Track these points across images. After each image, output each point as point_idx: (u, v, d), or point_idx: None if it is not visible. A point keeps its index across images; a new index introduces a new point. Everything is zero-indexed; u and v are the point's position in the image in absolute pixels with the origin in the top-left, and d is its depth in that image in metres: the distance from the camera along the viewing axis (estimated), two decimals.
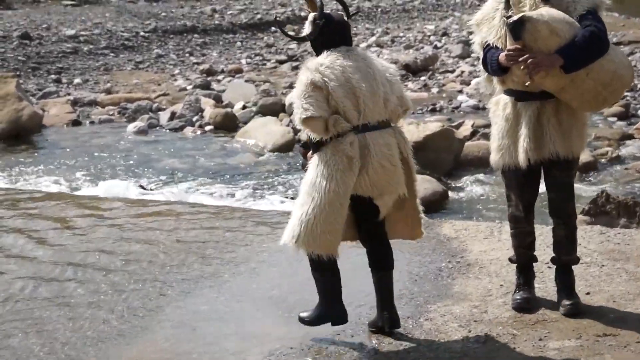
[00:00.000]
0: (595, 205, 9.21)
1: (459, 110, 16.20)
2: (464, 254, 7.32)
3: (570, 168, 5.87)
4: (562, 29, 5.44)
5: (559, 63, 5.42)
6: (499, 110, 5.91)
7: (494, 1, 5.88)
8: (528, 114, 5.72)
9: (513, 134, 5.78)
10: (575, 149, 5.79)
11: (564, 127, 5.70)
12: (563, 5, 5.61)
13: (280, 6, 30.06)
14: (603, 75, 5.59)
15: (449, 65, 20.50)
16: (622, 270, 6.75)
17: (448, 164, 12.19)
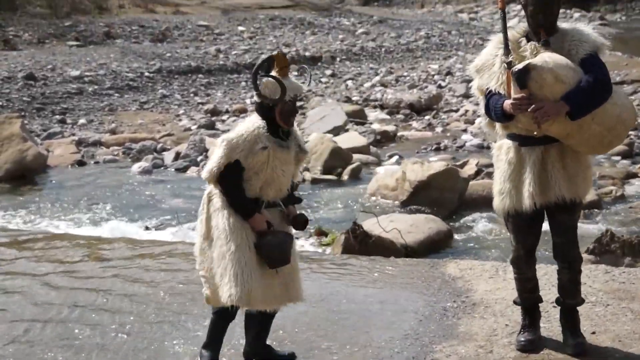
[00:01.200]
0: (600, 244, 9.22)
1: (463, 149, 16.25)
2: (469, 294, 7.33)
3: (575, 211, 5.88)
4: (567, 75, 5.47)
5: (566, 110, 5.45)
6: (502, 155, 5.92)
7: (493, 47, 5.89)
8: (532, 158, 5.73)
9: (516, 178, 5.80)
10: (581, 192, 5.80)
11: (569, 171, 5.72)
12: (564, 49, 5.64)
13: (285, 46, 30.20)
14: (608, 120, 5.62)
15: (453, 105, 20.58)
16: (628, 310, 6.77)
17: (452, 203, 12.22)
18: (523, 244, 5.99)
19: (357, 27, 37.11)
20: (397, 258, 8.84)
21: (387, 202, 12.59)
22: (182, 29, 33.04)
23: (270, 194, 5.64)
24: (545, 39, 5.69)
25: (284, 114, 5.53)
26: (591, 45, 5.68)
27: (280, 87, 5.48)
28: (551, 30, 5.74)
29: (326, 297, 7.32)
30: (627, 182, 13.46)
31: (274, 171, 5.57)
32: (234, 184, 5.53)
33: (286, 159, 5.63)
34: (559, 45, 5.66)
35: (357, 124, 18.23)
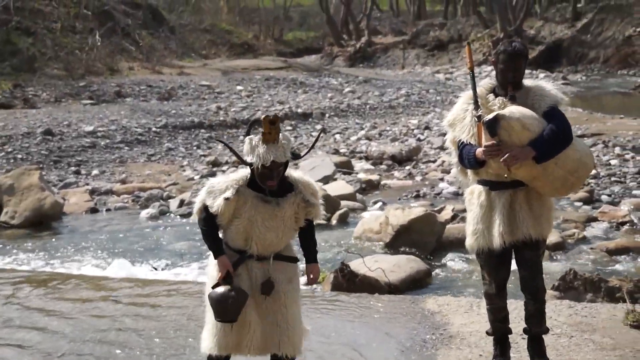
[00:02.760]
0: (564, 281, 9.23)
1: (440, 196, 16.28)
2: (446, 327, 7.35)
3: (539, 248, 5.97)
4: (532, 124, 5.59)
5: (532, 154, 5.57)
6: (474, 199, 6.01)
7: (463, 103, 6.03)
8: (502, 201, 5.83)
9: (487, 220, 5.88)
10: (545, 232, 5.91)
11: (534, 212, 5.82)
12: (528, 103, 5.78)
13: (279, 103, 30.31)
14: (570, 163, 5.73)
15: (431, 156, 20.63)
16: (590, 341, 6.80)
17: (431, 245, 12.23)
18: (495, 278, 6.07)
19: (344, 86, 37.29)
20: (381, 295, 8.87)
21: (372, 244, 12.61)
22: (186, 89, 33.18)
23: (256, 248, 5.31)
24: (512, 94, 5.82)
25: (258, 176, 5.24)
26: (552, 100, 5.85)
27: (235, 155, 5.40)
28: (517, 86, 5.88)
29: (318, 329, 7.33)
30: (589, 225, 13.49)
31: (254, 226, 5.24)
32: (205, 223, 5.33)
33: (271, 214, 5.27)
34: (523, 100, 5.81)
35: (345, 173, 18.27)
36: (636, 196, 15.42)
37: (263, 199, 5.28)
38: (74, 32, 38.95)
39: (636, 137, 21.82)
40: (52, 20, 39.00)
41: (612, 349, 6.60)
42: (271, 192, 5.28)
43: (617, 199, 15.21)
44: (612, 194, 15.60)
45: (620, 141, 21.20)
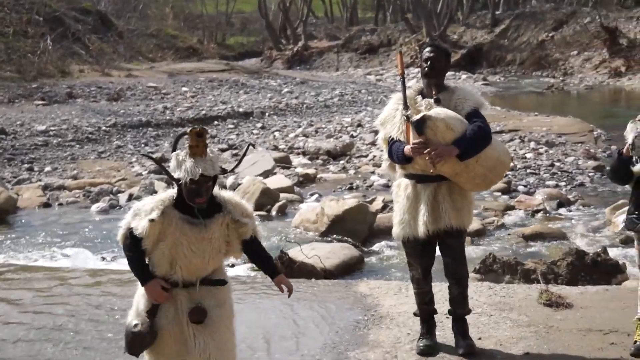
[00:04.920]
0: (485, 265, 9.36)
1: (372, 188, 16.35)
2: (377, 308, 7.39)
3: (461, 237, 6.04)
4: (456, 125, 5.65)
5: (456, 153, 5.63)
6: (401, 191, 6.05)
7: (393, 103, 6.09)
8: (426, 193, 5.88)
9: (413, 210, 5.93)
10: (465, 222, 5.99)
11: (456, 204, 5.89)
12: (452, 105, 5.86)
13: (222, 103, 30.12)
14: (489, 161, 5.81)
15: (363, 151, 20.71)
16: (507, 319, 6.90)
17: (363, 233, 12.29)
18: (420, 264, 6.12)
19: (283, 87, 37.23)
20: (318, 280, 8.88)
21: (309, 233, 12.63)
22: (134, 90, 32.79)
23: (181, 273, 4.66)
24: (437, 96, 5.89)
25: (187, 193, 4.60)
26: (474, 103, 5.93)
27: (164, 171, 4.77)
28: (441, 88, 5.96)
29: (258, 313, 7.33)
30: (507, 214, 13.69)
31: (179, 249, 4.62)
32: (130, 249, 4.68)
33: (198, 237, 4.63)
34: (447, 102, 5.88)
35: (284, 168, 18.25)
36: (549, 186, 15.69)
37: (190, 221, 4.63)
38: (26, 36, 38.23)
39: (549, 132, 22.17)
40: (5, 25, 38.28)
41: (528, 326, 6.71)
42: (199, 212, 4.64)
43: (532, 189, 15.45)
44: (528, 185, 15.85)
45: (535, 136, 21.52)
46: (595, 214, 13.64)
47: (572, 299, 7.33)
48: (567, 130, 22.61)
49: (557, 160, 18.24)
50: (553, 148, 19.97)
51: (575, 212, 13.91)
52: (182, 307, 4.66)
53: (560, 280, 8.87)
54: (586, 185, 16.06)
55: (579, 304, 7.23)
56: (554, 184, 16.01)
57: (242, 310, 7.35)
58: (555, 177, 16.67)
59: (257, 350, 6.48)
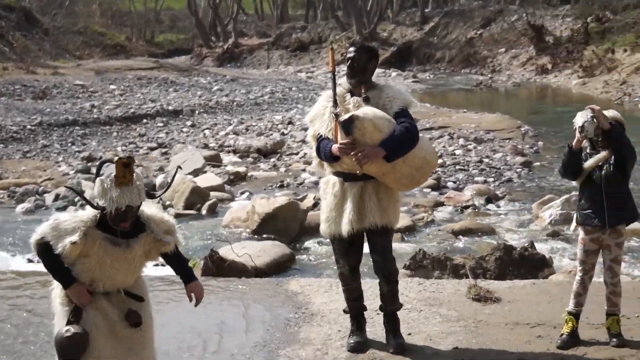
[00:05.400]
0: (415, 260, 9.45)
1: (303, 186, 16.37)
2: (308, 306, 7.39)
3: (388, 235, 6.05)
4: (384, 125, 5.65)
5: (383, 154, 5.63)
6: (328, 188, 6.06)
7: (324, 100, 6.08)
8: (353, 192, 5.89)
9: (340, 208, 5.95)
10: (391, 221, 6.01)
11: (382, 203, 5.90)
12: (380, 104, 5.86)
13: (151, 101, 29.81)
14: (416, 161, 5.83)
15: (294, 149, 20.71)
16: (437, 314, 6.97)
17: (294, 231, 12.29)
18: (347, 261, 6.14)
19: (213, 84, 37.01)
20: (248, 278, 8.85)
21: (240, 231, 12.57)
22: (60, 88, 32.22)
23: (102, 288, 4.65)
24: (365, 95, 5.88)
25: (111, 218, 4.55)
26: (402, 102, 5.94)
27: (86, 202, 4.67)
28: (369, 87, 5.95)
29: (186, 314, 7.27)
30: (436, 210, 13.83)
31: (103, 267, 4.59)
32: (47, 256, 4.59)
33: (120, 256, 4.61)
34: (376, 101, 5.88)
35: (214, 166, 18.15)
36: (478, 182, 15.90)
37: (113, 240, 4.59)
38: None
39: (478, 129, 22.47)
40: None
41: (457, 320, 6.78)
42: (122, 233, 4.61)
43: (461, 185, 15.65)
44: (457, 181, 16.04)
45: (464, 133, 21.79)
46: (522, 209, 13.86)
47: (500, 294, 7.43)
48: (496, 127, 22.95)
49: (486, 157, 18.49)
50: (482, 144, 20.25)
51: (504, 207, 14.12)
52: (108, 311, 4.66)
53: (489, 275, 9.00)
54: (514, 181, 16.32)
55: (506, 298, 7.34)
56: (482, 180, 16.23)
57: (173, 310, 7.31)
58: (483, 173, 16.89)
59: (188, 350, 6.43)
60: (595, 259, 6.22)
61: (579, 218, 6.23)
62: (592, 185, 6.10)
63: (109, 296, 4.71)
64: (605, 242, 6.14)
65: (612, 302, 6.21)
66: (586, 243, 6.18)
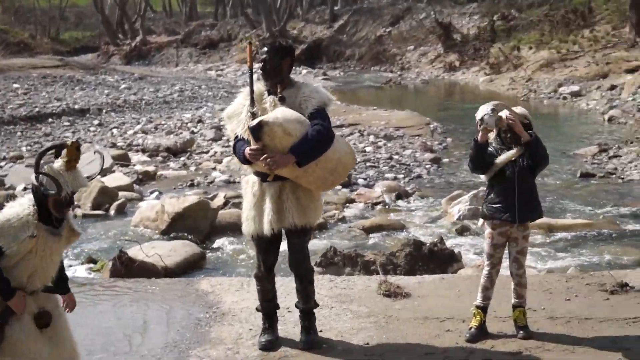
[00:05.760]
0: (326, 257, 9.50)
1: (213, 185, 16.26)
2: (219, 305, 7.36)
3: (306, 234, 6.06)
4: (295, 129, 5.60)
5: (293, 161, 5.61)
6: (248, 187, 6.04)
7: (242, 98, 6.01)
8: (271, 192, 5.87)
9: (259, 207, 5.92)
10: (311, 220, 6.01)
11: (301, 203, 5.89)
12: (297, 103, 5.82)
13: (57, 100, 29.23)
14: (329, 164, 5.81)
15: (204, 147, 20.57)
16: (348, 310, 7.02)
17: (205, 229, 12.21)
18: (265, 261, 6.11)
19: (121, 83, 36.53)
20: (158, 279, 8.76)
21: (149, 231, 12.44)
22: None
23: (37, 283, 4.66)
24: (281, 95, 5.83)
25: (57, 205, 4.59)
26: (318, 101, 5.87)
27: (56, 185, 4.54)
28: (285, 85, 5.91)
29: (96, 315, 7.16)
30: (347, 207, 13.92)
31: (43, 260, 4.60)
32: None
33: (57, 247, 4.68)
34: (292, 100, 5.83)
35: (122, 165, 17.91)
36: (388, 179, 16.07)
37: (52, 231, 4.63)
38: None
39: (388, 126, 22.70)
40: None
41: (367, 316, 6.85)
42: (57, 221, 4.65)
43: (371, 182, 15.78)
44: (368, 178, 16.18)
45: (374, 130, 21.98)
46: (432, 205, 14.06)
47: (410, 289, 7.53)
48: (405, 124, 23.22)
49: (396, 154, 18.70)
50: (391, 141, 20.47)
51: (413, 203, 14.30)
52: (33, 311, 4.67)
53: (399, 271, 9.11)
54: (423, 177, 16.54)
55: (416, 294, 7.44)
56: (392, 176, 16.40)
57: (82, 312, 7.16)
58: (393, 169, 17.08)
59: (97, 352, 6.32)
60: (502, 253, 6.35)
61: (486, 212, 6.33)
62: (504, 181, 6.20)
63: (33, 295, 4.70)
64: (513, 235, 6.28)
65: (518, 294, 6.35)
66: (494, 237, 6.30)
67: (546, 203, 13.72)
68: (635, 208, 13.20)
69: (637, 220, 12.53)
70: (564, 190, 14.93)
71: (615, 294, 7.21)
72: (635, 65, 29.04)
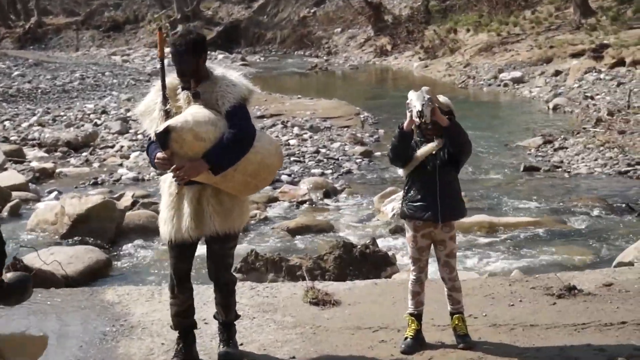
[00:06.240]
0: (246, 263, 9.47)
1: (120, 183, 16.09)
2: (127, 317, 7.27)
3: (229, 241, 5.93)
4: (207, 132, 5.46)
5: (205, 169, 5.47)
6: (165, 187, 5.88)
7: (154, 93, 5.83)
8: (190, 195, 5.72)
9: (177, 209, 5.74)
10: (236, 226, 5.88)
11: (224, 207, 5.76)
12: (213, 98, 5.65)
13: None
14: (250, 168, 5.69)
15: (109, 141, 20.35)
16: (271, 321, 7.01)
17: (111, 233, 12.08)
18: (179, 268, 5.96)
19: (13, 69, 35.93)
20: (58, 289, 8.60)
21: (48, 235, 12.25)
22: None
23: None
24: (195, 90, 5.66)
25: None
26: (236, 97, 5.68)
27: None
28: (199, 78, 5.72)
29: None
30: (269, 206, 13.92)
31: None
32: None
33: None
34: (208, 95, 5.66)
35: (16, 162, 17.61)
36: (315, 175, 16.11)
37: None
38: None
39: (313, 116, 22.78)
40: None
41: (293, 327, 6.84)
42: None
43: (296, 178, 15.82)
44: (292, 174, 16.21)
45: (299, 121, 22.04)
46: (363, 203, 14.14)
47: (339, 296, 7.55)
48: (333, 114, 23.34)
49: (323, 147, 18.78)
50: (318, 133, 20.54)
51: (343, 201, 14.36)
52: None
53: (328, 276, 9.13)
54: (354, 172, 16.64)
55: (347, 301, 7.46)
56: (319, 172, 16.46)
57: None
58: (321, 164, 17.15)
59: None
60: (428, 255, 6.41)
61: (406, 211, 6.32)
62: (425, 176, 6.21)
63: None
64: (439, 237, 6.30)
65: (454, 299, 6.40)
66: (418, 240, 6.33)
67: (487, 200, 13.95)
68: (583, 204, 13.47)
69: (585, 218, 12.79)
70: (506, 185, 15.18)
71: (562, 298, 7.33)
72: (580, 49, 29.68)
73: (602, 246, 11.40)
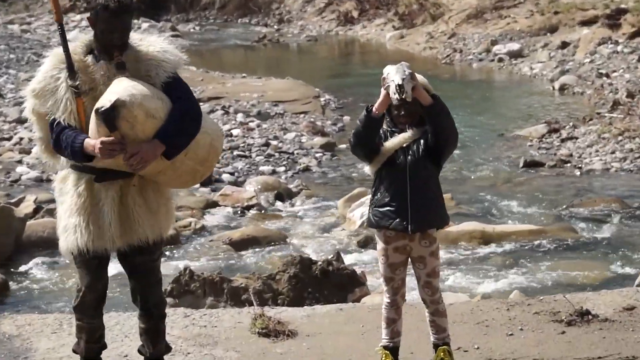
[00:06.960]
0: (179, 284, 9.44)
1: (19, 184, 16.00)
2: (28, 354, 7.22)
3: (156, 251, 5.86)
4: (157, 108, 5.41)
5: (161, 151, 5.40)
6: (68, 187, 5.67)
7: (53, 66, 5.66)
8: (110, 195, 5.57)
9: (90, 214, 5.60)
10: (163, 230, 5.84)
11: (151, 206, 5.68)
12: (141, 71, 5.59)
13: None
14: (200, 152, 5.67)
15: (5, 132, 20.20)
16: (210, 356, 6.99)
17: (8, 248, 12.03)
18: (94, 287, 5.81)
19: None
20: None
21: None
22: None
23: None
24: (119, 59, 5.55)
25: None
26: (172, 66, 5.66)
27: None
28: (124, 47, 5.64)
29: None
30: (208, 212, 13.87)
31: None
32: None
33: None
34: (135, 67, 5.59)
35: None
36: (264, 173, 16.09)
37: None
38: None
39: (262, 100, 22.73)
40: None
41: None
42: None
43: (241, 178, 15.82)
44: (236, 172, 16.20)
45: (244, 106, 22.00)
46: (325, 208, 14.16)
47: (296, 325, 7.54)
48: (286, 97, 23.33)
49: (274, 138, 18.78)
50: (268, 121, 20.55)
51: (300, 206, 14.38)
52: None
53: (281, 301, 9.13)
54: (312, 169, 16.67)
55: (305, 331, 7.45)
56: (270, 169, 16.48)
57: None
58: (271, 160, 17.16)
59: None
60: (404, 272, 6.29)
61: (372, 218, 6.25)
62: (394, 174, 6.13)
63: None
64: (416, 253, 6.20)
65: (439, 327, 6.36)
66: (389, 255, 6.23)
67: (479, 203, 14.01)
68: (597, 208, 13.54)
69: (600, 225, 12.85)
70: (503, 185, 15.26)
71: (572, 326, 7.37)
72: (592, 15, 29.79)
73: (621, 261, 11.49)
